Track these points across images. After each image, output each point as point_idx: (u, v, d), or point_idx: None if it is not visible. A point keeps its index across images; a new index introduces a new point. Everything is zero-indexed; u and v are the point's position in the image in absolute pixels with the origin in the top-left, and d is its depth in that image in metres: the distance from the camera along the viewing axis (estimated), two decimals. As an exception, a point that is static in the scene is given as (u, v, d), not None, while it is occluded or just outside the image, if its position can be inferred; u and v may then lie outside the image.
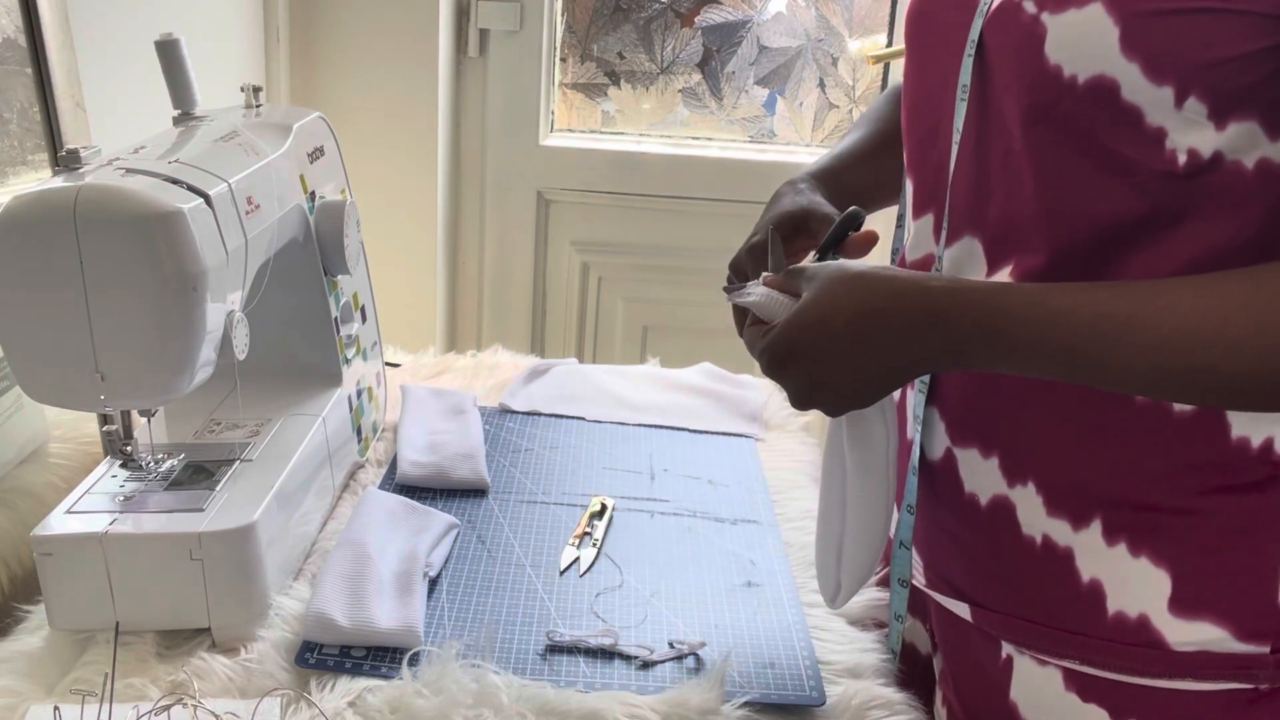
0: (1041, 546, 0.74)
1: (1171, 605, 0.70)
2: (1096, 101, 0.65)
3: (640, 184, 1.98)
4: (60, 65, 1.02)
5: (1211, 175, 0.65)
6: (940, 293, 0.67)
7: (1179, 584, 0.70)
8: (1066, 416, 0.72)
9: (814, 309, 0.69)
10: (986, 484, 0.76)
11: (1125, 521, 0.71)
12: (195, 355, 0.78)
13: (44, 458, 0.97)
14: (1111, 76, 0.64)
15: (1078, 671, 0.73)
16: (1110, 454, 0.71)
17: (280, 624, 0.82)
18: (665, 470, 1.13)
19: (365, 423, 1.12)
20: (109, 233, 0.73)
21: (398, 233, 1.88)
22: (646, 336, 2.09)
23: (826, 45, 1.99)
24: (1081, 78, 0.65)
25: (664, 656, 0.83)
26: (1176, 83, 0.63)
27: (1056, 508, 0.73)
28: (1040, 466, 0.73)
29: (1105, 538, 0.71)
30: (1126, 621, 0.71)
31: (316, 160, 1.04)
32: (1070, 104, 0.66)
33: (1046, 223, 0.70)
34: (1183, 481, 0.70)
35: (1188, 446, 0.69)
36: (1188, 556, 0.70)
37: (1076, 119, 0.66)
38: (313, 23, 1.81)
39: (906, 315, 0.67)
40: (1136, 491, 0.71)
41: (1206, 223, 0.66)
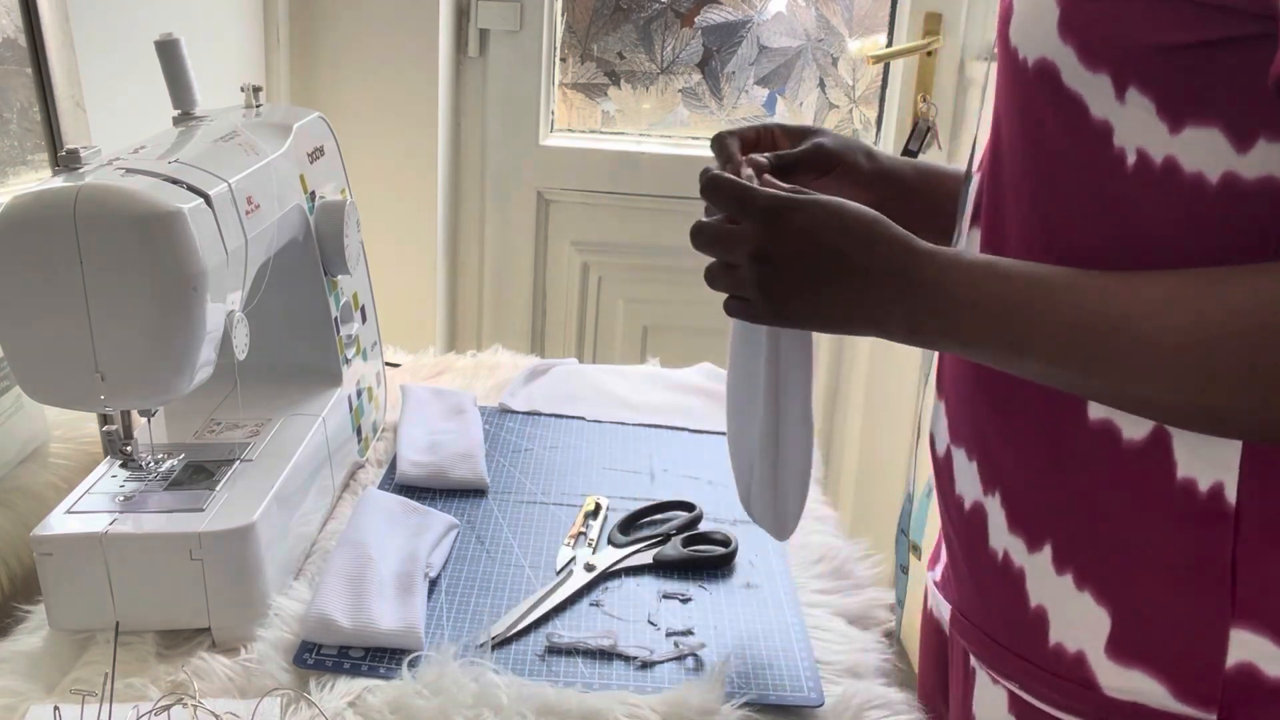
0: (1002, 561, 0.71)
1: (1109, 647, 0.66)
2: (1043, 86, 0.63)
3: (640, 184, 1.98)
4: (60, 65, 1.02)
5: (1167, 185, 0.60)
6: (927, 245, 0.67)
7: (1118, 626, 0.66)
8: (1033, 431, 0.69)
9: (842, 206, 0.68)
10: (969, 488, 0.74)
11: (1074, 551, 0.68)
12: (195, 355, 0.78)
13: (44, 458, 0.97)
14: (1052, 60, 0.62)
15: (1019, 696, 0.71)
16: (1064, 477, 0.68)
17: (280, 624, 0.82)
18: (665, 470, 1.13)
19: (365, 423, 1.12)
20: (109, 233, 0.73)
21: (398, 233, 1.88)
22: (646, 336, 2.09)
23: (826, 45, 1.99)
24: (1030, 60, 0.63)
25: (664, 656, 0.83)
26: (1113, 70, 0.59)
27: (1016, 525, 0.70)
28: (1007, 479, 0.71)
29: (1055, 564, 0.68)
30: (1064, 655, 0.68)
31: (316, 160, 1.04)
32: (1025, 88, 0.65)
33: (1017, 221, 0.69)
34: (1128, 513, 0.65)
35: (1134, 477, 0.65)
36: (1131, 598, 0.66)
37: (1032, 106, 0.65)
38: (313, 23, 1.81)
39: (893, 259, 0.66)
40: (1086, 520, 0.67)
41: (1167, 239, 0.61)
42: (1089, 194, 0.63)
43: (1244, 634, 0.63)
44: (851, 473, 2.16)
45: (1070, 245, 0.65)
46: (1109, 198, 0.62)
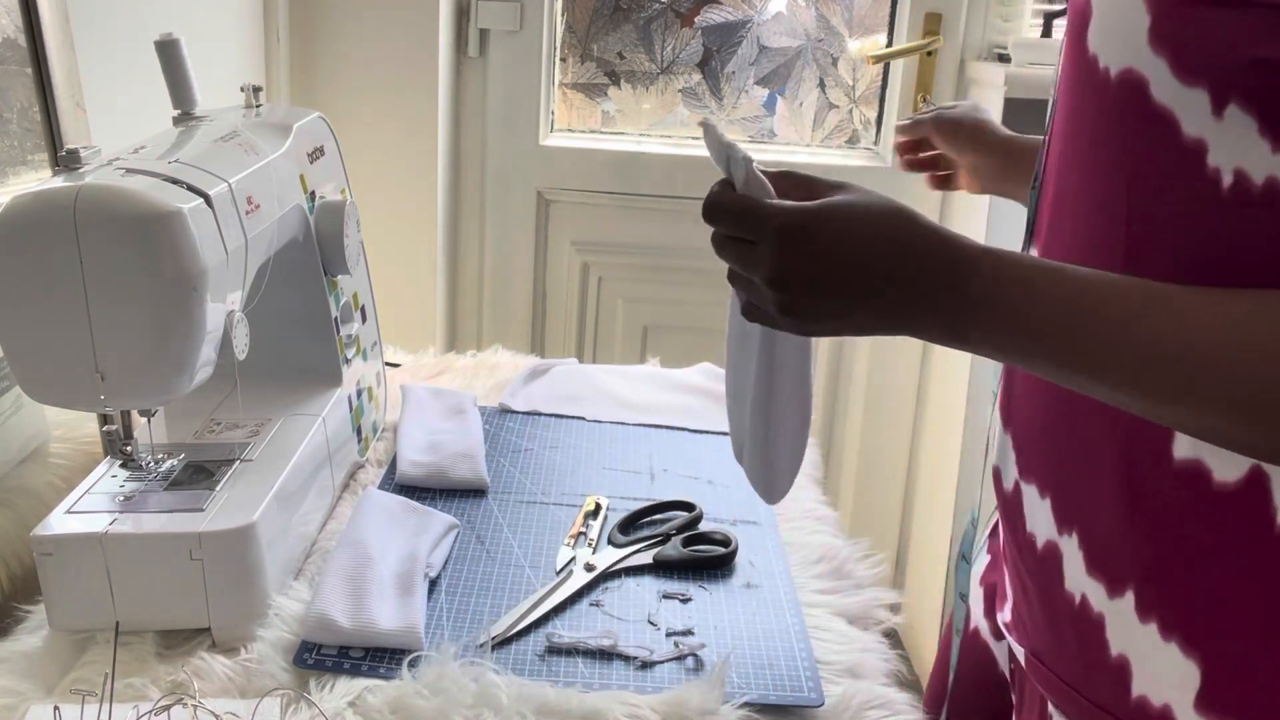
0: (1080, 606, 0.67)
1: (1199, 702, 0.62)
2: (1127, 100, 0.58)
3: (640, 184, 1.98)
4: (60, 65, 1.02)
5: (1268, 209, 0.55)
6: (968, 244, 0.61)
7: (1210, 679, 0.62)
8: (1113, 468, 0.64)
9: (857, 210, 0.62)
10: (1042, 526, 0.70)
11: (1160, 598, 0.63)
12: (195, 355, 0.78)
13: (44, 458, 0.97)
14: (1140, 72, 0.57)
15: None
16: (1147, 519, 0.63)
17: (280, 624, 0.82)
18: (665, 470, 1.13)
19: (365, 423, 1.12)
20: (109, 233, 0.73)
21: (398, 233, 1.88)
22: (646, 336, 2.09)
23: (826, 45, 1.99)
24: (1113, 70, 0.59)
25: (664, 657, 0.83)
26: (1211, 85, 0.55)
27: (1095, 568, 0.66)
28: (1085, 519, 0.66)
29: (1138, 612, 0.64)
30: (1150, 709, 0.64)
31: (316, 160, 1.04)
32: (1104, 100, 0.60)
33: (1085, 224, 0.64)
34: (1220, 561, 0.61)
35: (1227, 521, 0.61)
36: (1222, 650, 0.61)
37: (1110, 120, 0.60)
38: (313, 23, 1.81)
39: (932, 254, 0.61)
40: (1173, 569, 0.63)
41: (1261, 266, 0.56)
42: (1173, 216, 0.59)
43: None
44: (851, 473, 2.16)
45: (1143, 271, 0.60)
46: (1198, 220, 0.58)
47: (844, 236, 0.62)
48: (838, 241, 0.61)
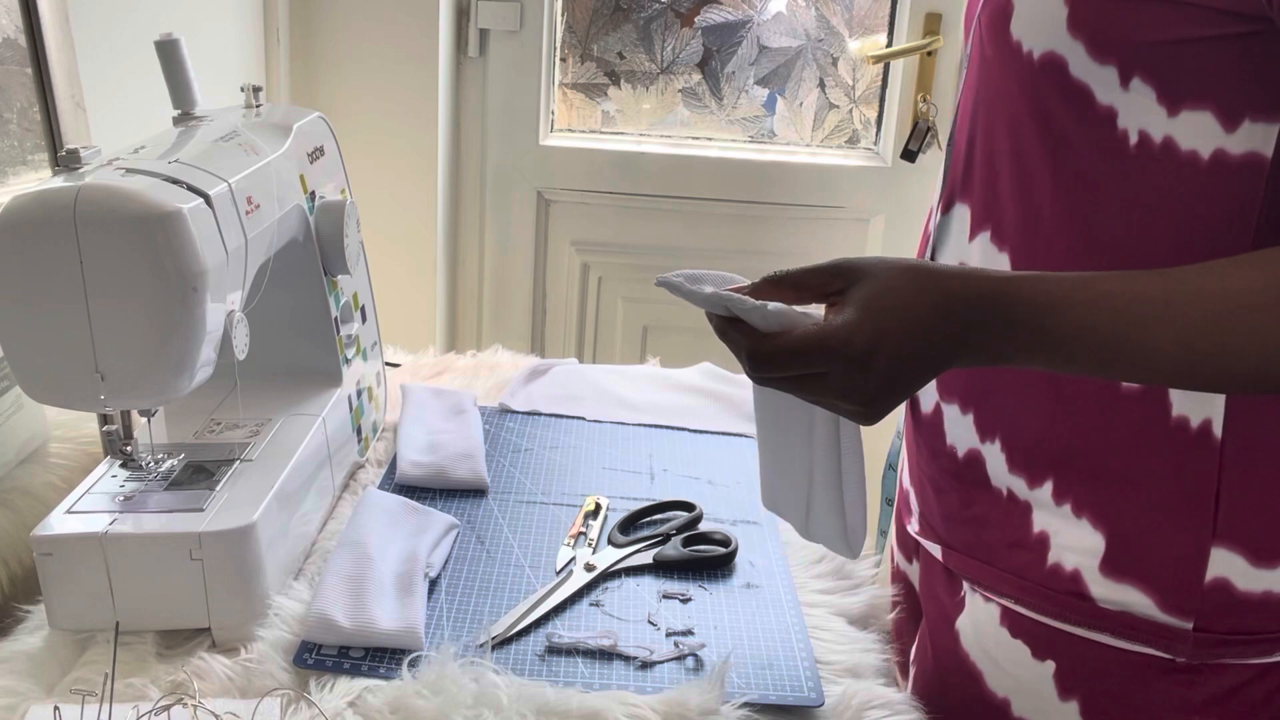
0: (1006, 498, 0.80)
1: (1103, 565, 0.75)
2: (1049, 77, 0.70)
3: (640, 184, 1.98)
4: (60, 65, 1.02)
5: (1165, 162, 0.68)
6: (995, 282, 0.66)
7: (1112, 547, 0.75)
8: (1031, 381, 0.76)
9: (893, 297, 0.65)
10: (964, 438, 0.82)
11: (1072, 484, 0.76)
12: (195, 355, 0.78)
13: (44, 458, 0.97)
14: (1060, 54, 0.69)
15: (1012, 610, 0.80)
16: (1065, 417, 0.76)
17: (280, 624, 0.82)
18: (665, 470, 1.13)
19: (365, 423, 1.12)
20: (109, 233, 0.73)
21: (398, 233, 1.88)
22: (646, 336, 2.09)
23: (826, 45, 1.99)
24: (1036, 54, 0.70)
25: (664, 657, 0.83)
26: (1119, 63, 0.67)
27: (1016, 466, 0.79)
28: (1006, 426, 0.79)
29: (1055, 497, 0.77)
30: (1061, 573, 0.77)
31: (316, 160, 1.04)
32: (1029, 79, 0.71)
33: (1018, 192, 0.74)
34: (1126, 446, 0.74)
35: (1132, 417, 0.73)
36: (1124, 522, 0.75)
37: (1035, 94, 0.71)
38: (313, 23, 1.81)
39: (974, 306, 0.65)
40: (1084, 458, 0.76)
41: (1167, 211, 0.69)
42: (1094, 169, 0.70)
43: (1222, 552, 0.73)
44: (851, 473, 2.16)
45: (1074, 213, 0.72)
46: (1112, 172, 0.70)
47: (901, 334, 0.64)
48: (900, 343, 0.64)
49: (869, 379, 0.65)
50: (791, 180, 1.96)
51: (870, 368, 0.64)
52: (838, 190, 1.97)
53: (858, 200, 1.96)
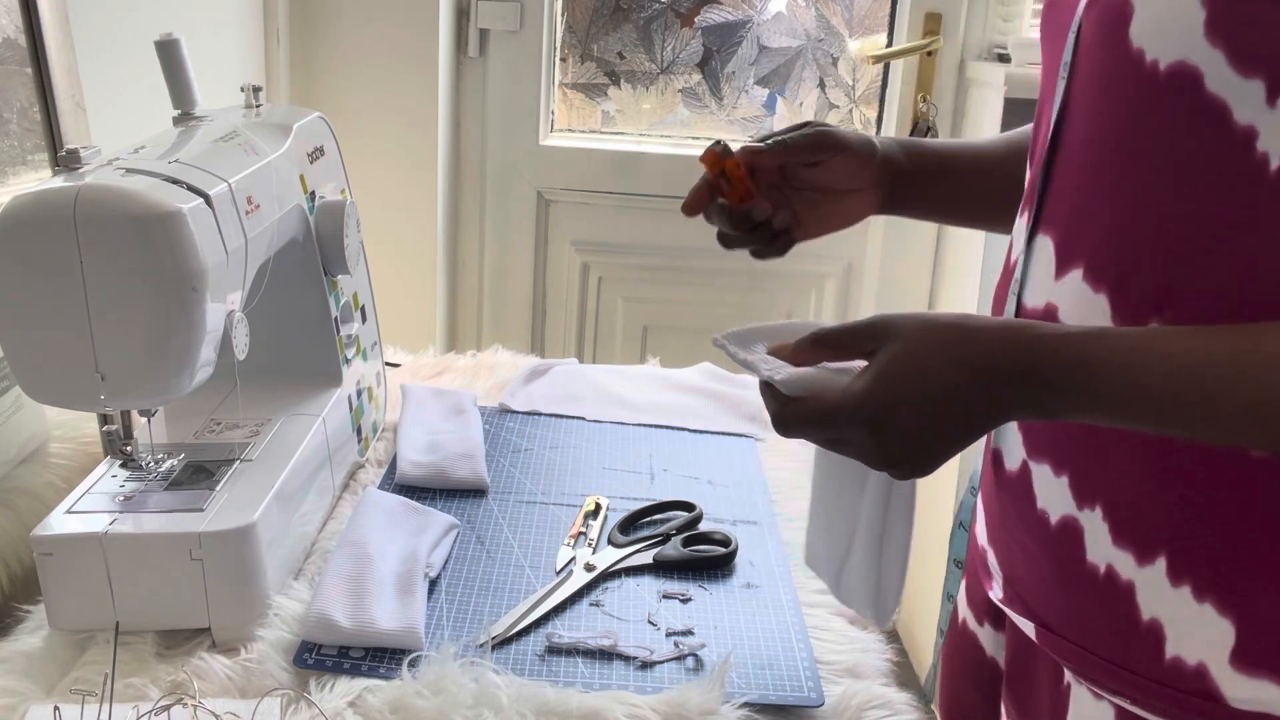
0: (1105, 576, 0.69)
1: (1234, 658, 0.64)
2: (1177, 91, 0.60)
3: (640, 184, 1.98)
4: (60, 65, 1.02)
5: None
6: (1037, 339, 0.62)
7: (1244, 636, 0.64)
8: (1140, 443, 0.66)
9: (912, 361, 0.63)
10: (1057, 503, 0.71)
11: (1192, 563, 0.65)
12: (195, 355, 0.78)
13: (44, 458, 0.97)
14: (1194, 64, 0.59)
15: (1128, 712, 0.69)
16: (1181, 490, 0.65)
17: (280, 624, 0.82)
18: (665, 470, 1.13)
19: (365, 423, 1.12)
20: (109, 233, 0.73)
21: (398, 233, 1.88)
22: (646, 336, 2.09)
23: (826, 45, 1.99)
24: (1163, 64, 0.60)
25: (664, 656, 0.83)
26: (1268, 76, 0.57)
27: (1122, 538, 0.68)
28: (1109, 492, 0.68)
29: (1170, 577, 0.66)
30: (1184, 668, 0.66)
31: (316, 160, 1.04)
32: (1150, 93, 0.61)
33: (1118, 224, 0.65)
34: (1257, 530, 0.64)
35: (1265, 493, 0.63)
36: (1256, 609, 0.64)
37: (1156, 111, 0.62)
38: (313, 23, 1.81)
39: (1008, 364, 0.62)
40: (1206, 534, 0.65)
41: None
42: (1218, 198, 0.61)
43: None
44: (851, 473, 2.16)
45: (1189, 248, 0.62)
46: (1241, 203, 0.60)
47: (919, 396, 0.63)
48: (918, 404, 0.63)
49: (889, 443, 0.64)
50: (791, 180, 1.96)
51: (886, 432, 0.63)
52: (838, 190, 1.97)
53: (858, 200, 1.96)
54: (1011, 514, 0.76)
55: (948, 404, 0.63)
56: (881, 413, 0.63)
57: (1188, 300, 0.63)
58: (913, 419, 0.63)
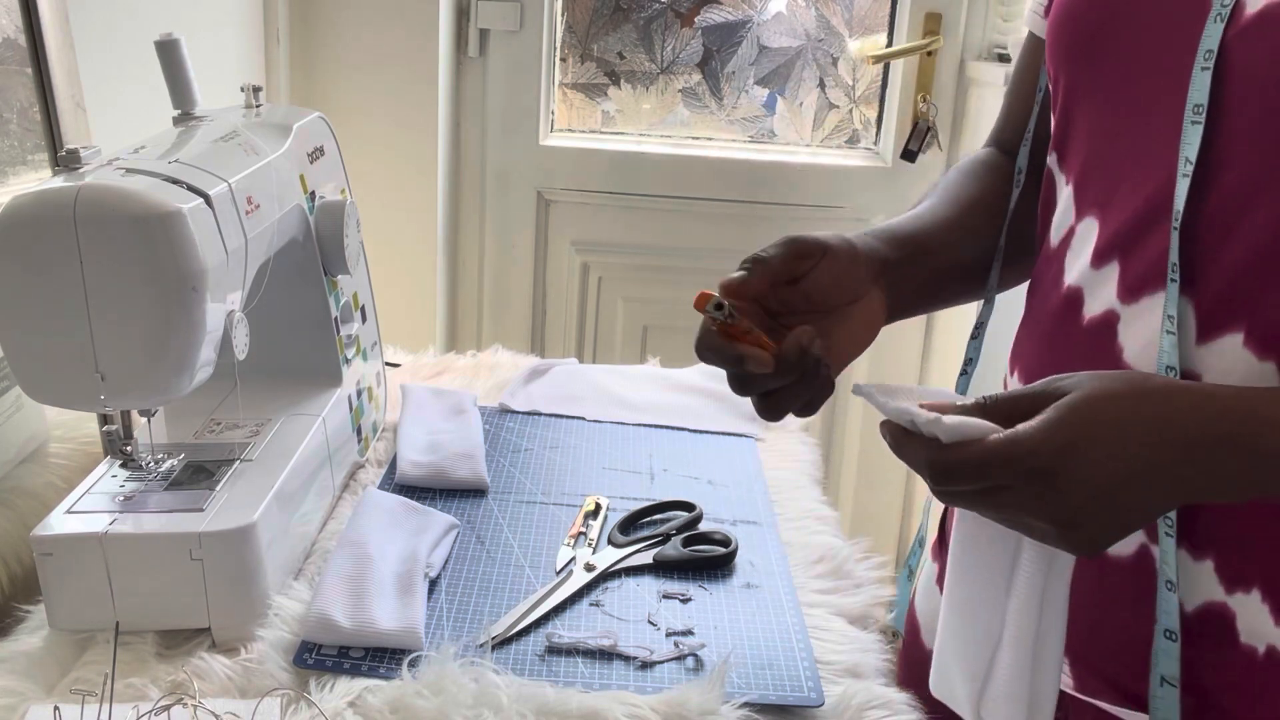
0: (1265, 657, 0.65)
1: None
2: None
3: (640, 184, 1.98)
4: (60, 65, 1.02)
5: None
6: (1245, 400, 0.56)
7: None
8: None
9: (1106, 407, 0.56)
10: (1196, 590, 0.66)
11: None
12: (195, 355, 0.78)
13: (44, 458, 0.97)
14: None
15: None
16: None
17: (280, 624, 0.82)
18: (665, 470, 1.13)
19: (365, 423, 1.12)
20: (109, 233, 0.73)
21: (398, 233, 1.88)
22: (646, 336, 2.09)
23: (826, 45, 1.99)
24: None
25: (664, 656, 0.83)
26: None
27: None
28: (1268, 573, 0.64)
29: None
30: None
31: (316, 160, 1.04)
32: None
33: None
34: None
35: None
36: None
37: None
38: (313, 23, 1.81)
39: (1206, 430, 0.56)
40: None
41: None
42: None
43: None
44: (851, 473, 2.16)
45: None
46: None
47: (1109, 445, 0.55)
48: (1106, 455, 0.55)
49: (1060, 492, 0.55)
50: (791, 180, 1.96)
51: (1058, 478, 0.55)
52: (838, 190, 1.97)
53: (858, 200, 1.96)
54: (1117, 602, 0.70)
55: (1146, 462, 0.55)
56: (1058, 454, 0.55)
57: None
58: (1097, 467, 0.55)
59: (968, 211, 0.83)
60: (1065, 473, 0.55)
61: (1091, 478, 0.55)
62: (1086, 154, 0.71)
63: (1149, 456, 0.55)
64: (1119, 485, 0.55)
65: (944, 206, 0.83)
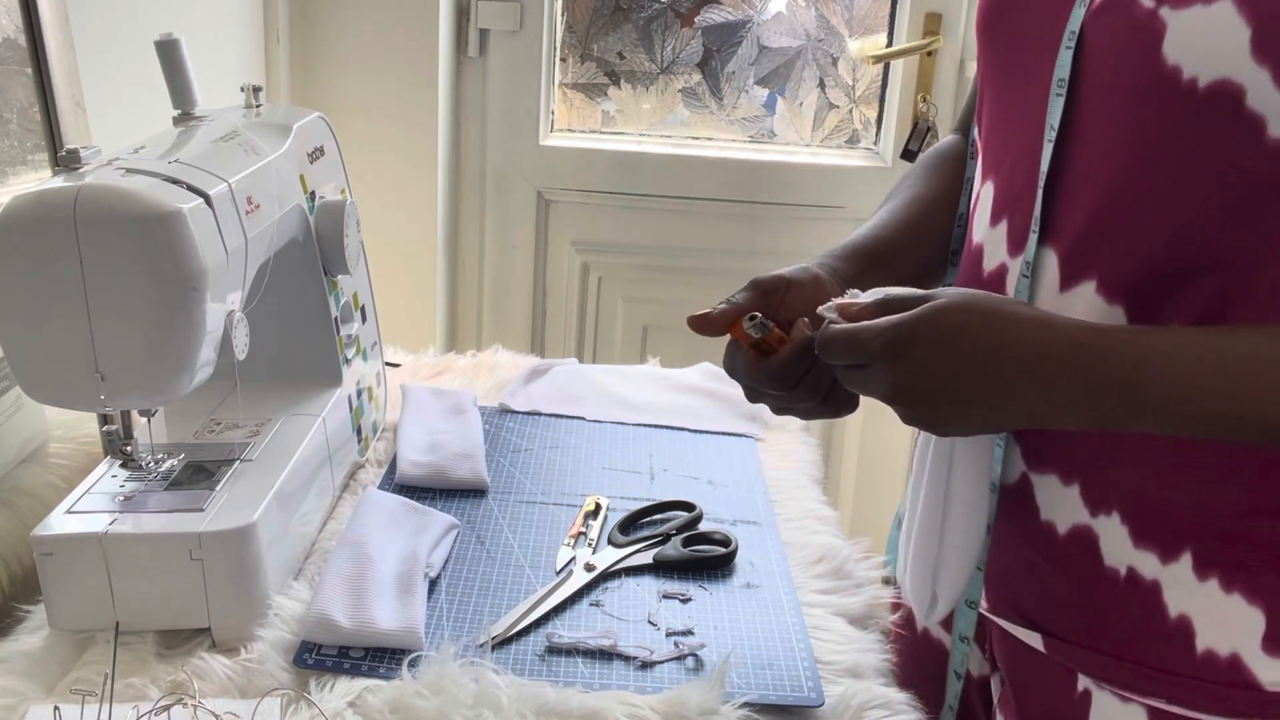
0: (1126, 579, 0.71)
1: (1265, 643, 0.67)
2: (1217, 107, 0.61)
3: (640, 184, 1.98)
4: (60, 65, 1.02)
5: None
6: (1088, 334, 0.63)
7: (1274, 622, 0.67)
8: (1155, 444, 0.68)
9: (953, 315, 0.64)
10: (1066, 513, 0.73)
11: (1218, 555, 0.68)
12: (195, 355, 0.78)
13: (44, 458, 0.97)
14: (1237, 82, 0.60)
15: (1164, 711, 0.70)
16: (1202, 485, 0.68)
17: (280, 624, 0.82)
18: (665, 470, 1.13)
19: (365, 423, 1.12)
20: (109, 233, 0.73)
21: (398, 233, 1.88)
22: (646, 336, 2.09)
23: (826, 45, 1.99)
24: (1203, 81, 0.61)
25: (664, 656, 0.83)
26: None
27: (1144, 539, 0.70)
28: (1126, 496, 0.70)
29: (1196, 572, 0.68)
30: (1217, 660, 0.68)
31: (316, 160, 1.04)
32: (1185, 108, 0.62)
33: (1137, 238, 0.66)
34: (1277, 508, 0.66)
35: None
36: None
37: (1189, 125, 0.63)
38: (313, 23, 1.81)
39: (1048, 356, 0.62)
40: (1230, 525, 0.67)
41: None
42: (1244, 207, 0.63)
43: None
44: (851, 473, 2.16)
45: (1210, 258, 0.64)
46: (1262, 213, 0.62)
47: (947, 343, 0.63)
48: (940, 351, 0.63)
49: (895, 374, 0.64)
50: (791, 180, 1.96)
51: (896, 363, 0.64)
52: (838, 190, 1.97)
53: (858, 200, 1.96)
54: (1005, 527, 0.77)
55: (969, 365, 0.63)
56: (899, 343, 0.63)
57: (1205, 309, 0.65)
58: (926, 361, 0.63)
59: (930, 208, 0.89)
60: (903, 358, 0.64)
61: (922, 368, 0.63)
62: (989, 123, 0.78)
63: (984, 360, 0.63)
64: (947, 380, 0.63)
65: (905, 207, 0.89)
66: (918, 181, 0.92)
